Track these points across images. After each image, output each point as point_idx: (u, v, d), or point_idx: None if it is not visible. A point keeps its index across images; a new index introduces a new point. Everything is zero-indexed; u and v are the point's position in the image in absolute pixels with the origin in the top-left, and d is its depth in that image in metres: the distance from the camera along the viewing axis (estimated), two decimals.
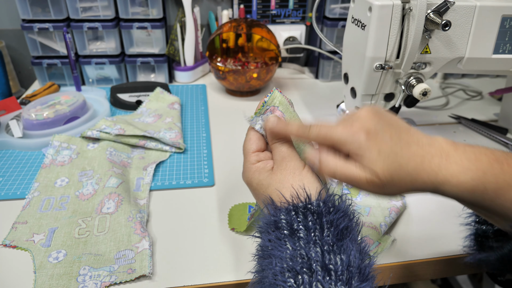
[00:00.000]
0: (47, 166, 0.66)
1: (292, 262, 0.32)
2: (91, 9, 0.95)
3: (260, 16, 1.09)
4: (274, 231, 0.35)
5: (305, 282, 0.31)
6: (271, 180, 0.39)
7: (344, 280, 0.31)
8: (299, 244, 0.33)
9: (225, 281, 0.48)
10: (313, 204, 0.35)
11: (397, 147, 0.36)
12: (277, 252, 0.34)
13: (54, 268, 0.48)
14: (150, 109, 0.86)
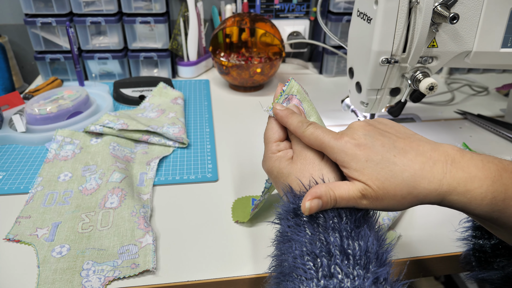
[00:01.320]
0: (51, 161, 0.66)
1: (311, 246, 0.33)
2: (94, 4, 0.94)
3: (263, 10, 1.08)
4: (294, 218, 0.36)
5: (324, 265, 0.31)
6: (291, 169, 0.40)
7: (362, 265, 0.31)
8: (318, 229, 0.34)
9: (229, 277, 0.48)
10: None
11: (390, 154, 0.35)
12: (296, 237, 0.35)
13: (57, 263, 0.48)
14: (153, 104, 0.85)
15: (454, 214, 0.57)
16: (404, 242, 0.53)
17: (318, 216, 0.35)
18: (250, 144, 0.75)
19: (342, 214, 0.35)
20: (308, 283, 0.31)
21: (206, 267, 0.49)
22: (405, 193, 0.34)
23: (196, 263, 0.49)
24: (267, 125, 0.45)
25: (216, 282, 0.47)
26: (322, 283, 0.31)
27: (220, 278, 0.48)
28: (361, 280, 0.30)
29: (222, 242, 0.53)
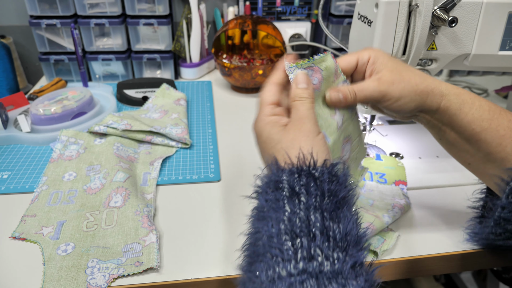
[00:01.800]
0: (55, 161, 0.67)
1: (290, 224, 0.31)
2: (98, 6, 0.95)
3: (265, 13, 1.09)
4: (274, 191, 0.34)
5: (304, 245, 0.30)
6: (282, 136, 0.38)
7: (341, 247, 0.31)
8: (298, 207, 0.32)
9: (230, 275, 0.48)
10: (318, 170, 0.35)
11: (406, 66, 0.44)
12: (274, 214, 0.33)
13: (63, 260, 0.49)
14: (157, 105, 0.86)
15: (453, 214, 0.58)
16: (403, 242, 0.54)
17: (300, 192, 0.33)
18: (251, 145, 0.76)
19: (325, 192, 0.34)
20: (285, 265, 0.30)
21: (209, 265, 0.50)
22: (418, 81, 0.42)
23: (199, 261, 0.50)
24: (265, 87, 0.42)
25: (218, 280, 0.48)
26: (301, 265, 0.29)
27: (222, 276, 0.48)
28: (340, 263, 0.30)
29: (224, 240, 0.53)
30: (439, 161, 0.71)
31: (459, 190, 0.63)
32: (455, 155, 0.48)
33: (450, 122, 0.44)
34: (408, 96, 0.42)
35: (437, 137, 0.48)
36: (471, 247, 0.53)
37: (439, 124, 0.45)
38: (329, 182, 0.34)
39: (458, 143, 0.45)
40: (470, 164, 0.47)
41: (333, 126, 0.42)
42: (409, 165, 0.69)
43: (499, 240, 0.46)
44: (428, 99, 0.43)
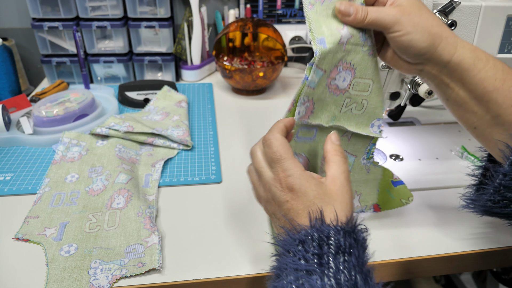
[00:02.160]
0: (58, 162, 0.68)
1: (336, 282, 0.32)
2: (100, 8, 0.96)
3: (266, 15, 1.10)
4: (320, 246, 0.34)
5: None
6: (332, 197, 0.38)
7: None
8: (343, 266, 0.33)
9: (232, 275, 0.49)
10: (357, 233, 0.36)
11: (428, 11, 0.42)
12: (319, 268, 0.33)
13: (66, 261, 0.49)
14: (158, 107, 0.87)
15: (452, 216, 0.58)
16: (401, 243, 0.54)
17: (345, 252, 0.34)
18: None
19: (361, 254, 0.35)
20: None
21: (211, 266, 0.50)
22: (434, 23, 0.41)
23: (201, 262, 0.51)
24: (274, 141, 0.40)
25: (220, 280, 0.49)
26: None
27: (224, 276, 0.49)
28: None
29: (226, 241, 0.54)
30: (438, 163, 0.71)
31: (459, 191, 0.64)
32: (461, 117, 0.46)
33: (461, 78, 0.42)
34: (420, 32, 0.40)
35: (443, 97, 0.46)
36: (471, 248, 0.53)
37: (447, 80, 0.43)
38: (362, 246, 0.36)
39: (466, 104, 0.44)
40: (476, 128, 0.45)
41: (336, 37, 0.42)
42: (409, 167, 0.69)
43: (496, 208, 0.45)
44: (440, 45, 0.41)
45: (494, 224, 0.57)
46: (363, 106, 0.47)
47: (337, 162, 0.40)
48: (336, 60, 0.43)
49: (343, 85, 0.45)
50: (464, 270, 0.56)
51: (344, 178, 0.39)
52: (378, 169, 0.54)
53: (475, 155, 0.71)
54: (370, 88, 0.46)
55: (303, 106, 0.44)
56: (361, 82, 0.45)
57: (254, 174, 0.44)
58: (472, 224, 0.57)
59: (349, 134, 0.49)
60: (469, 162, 0.71)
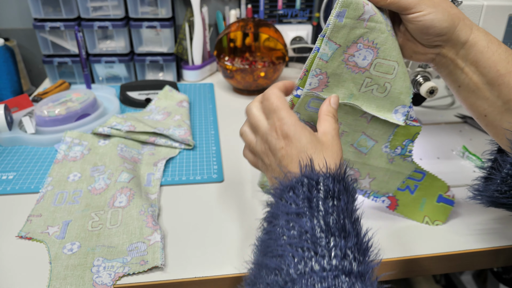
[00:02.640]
0: (60, 162, 0.68)
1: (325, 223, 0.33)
2: (101, 9, 0.96)
3: (267, 16, 1.10)
4: (310, 190, 0.36)
5: (338, 245, 0.32)
6: (323, 146, 0.40)
7: (363, 252, 0.33)
8: (332, 209, 0.35)
9: (234, 274, 0.49)
10: (347, 181, 0.37)
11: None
12: (308, 211, 0.34)
13: (68, 259, 0.50)
14: (159, 107, 0.87)
15: (453, 214, 0.59)
16: (402, 242, 0.54)
17: (334, 196, 0.35)
18: None
19: (350, 200, 0.36)
20: (319, 260, 0.31)
21: (213, 264, 0.50)
22: (452, 6, 0.42)
23: (202, 260, 0.51)
24: (272, 95, 0.43)
25: (222, 278, 0.49)
26: (334, 262, 0.31)
27: (226, 274, 0.49)
28: (364, 266, 0.32)
29: (227, 239, 0.54)
30: (439, 162, 0.71)
31: (460, 190, 0.64)
32: (472, 105, 0.46)
33: (475, 60, 0.43)
34: (441, 12, 0.41)
35: (455, 84, 0.46)
36: (471, 246, 0.53)
37: (462, 64, 0.44)
38: (351, 194, 0.37)
39: (479, 90, 0.44)
40: (487, 115, 0.45)
41: (358, 12, 0.42)
42: None
43: (503, 198, 0.46)
44: (459, 25, 0.42)
45: (499, 220, 0.57)
46: (386, 89, 0.46)
47: (329, 121, 0.42)
48: (354, 36, 0.43)
49: (363, 64, 0.44)
50: (465, 269, 0.56)
51: (335, 134, 0.42)
52: (409, 165, 0.53)
53: (476, 154, 0.72)
54: (395, 71, 0.45)
55: (315, 78, 0.44)
56: (385, 63, 0.44)
57: (249, 132, 0.47)
58: (473, 222, 0.57)
59: (368, 116, 0.48)
60: (470, 161, 0.71)
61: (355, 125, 0.49)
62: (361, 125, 0.49)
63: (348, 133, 0.50)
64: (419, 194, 0.56)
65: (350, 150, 0.51)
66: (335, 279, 0.30)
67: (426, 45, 0.44)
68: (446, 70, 0.46)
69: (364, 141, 0.51)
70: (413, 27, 0.43)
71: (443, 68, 0.46)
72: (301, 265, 0.31)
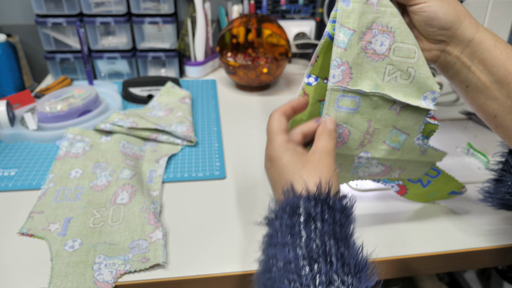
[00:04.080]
0: (62, 158, 0.68)
1: (308, 250, 0.32)
2: (103, 4, 0.96)
3: (270, 11, 1.09)
4: (290, 217, 0.35)
5: (322, 271, 0.31)
6: (304, 165, 0.39)
7: (354, 273, 0.32)
8: (314, 233, 0.34)
9: (236, 271, 0.49)
10: (331, 200, 0.36)
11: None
12: (290, 239, 0.34)
13: (70, 256, 0.49)
14: (162, 103, 0.87)
15: (456, 212, 0.58)
16: (404, 240, 0.54)
17: (316, 218, 0.35)
18: (256, 143, 0.76)
19: (337, 221, 0.35)
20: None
21: (215, 261, 0.50)
22: (458, 3, 0.42)
23: (205, 258, 0.50)
24: (271, 119, 0.43)
25: (224, 276, 0.49)
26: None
27: (228, 272, 0.49)
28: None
29: (230, 237, 0.54)
30: (444, 159, 0.70)
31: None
32: (481, 105, 0.45)
33: (483, 59, 0.42)
34: (446, 5, 0.41)
35: (462, 84, 0.45)
36: (474, 245, 0.53)
37: (469, 62, 0.43)
38: (339, 212, 0.36)
39: (487, 89, 0.43)
40: (496, 116, 0.44)
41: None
42: None
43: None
44: (465, 22, 0.42)
45: (506, 221, 0.57)
46: (410, 74, 0.44)
47: (322, 140, 0.42)
48: (367, 21, 0.42)
49: (381, 50, 0.43)
50: (469, 268, 0.56)
51: (324, 151, 0.40)
52: (441, 153, 0.51)
53: (481, 151, 0.71)
54: (417, 55, 0.43)
55: (337, 69, 0.42)
56: (404, 47, 0.43)
57: None
58: (480, 221, 0.57)
59: (397, 107, 0.46)
60: (475, 158, 0.71)
61: (385, 119, 0.46)
62: (391, 119, 0.47)
63: (379, 129, 0.47)
64: (431, 189, 0.56)
65: (383, 148, 0.49)
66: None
67: (431, 39, 0.43)
68: (452, 70, 0.45)
69: (396, 136, 0.48)
70: (417, 19, 0.42)
71: (449, 67, 0.45)
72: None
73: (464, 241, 0.54)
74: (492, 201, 0.49)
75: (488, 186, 0.50)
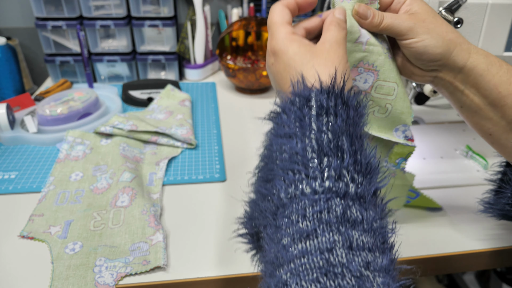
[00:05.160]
0: (62, 161, 0.68)
1: (318, 143, 0.30)
2: (103, 7, 0.96)
3: None
4: (300, 108, 0.32)
5: (332, 165, 0.29)
6: (314, 55, 0.35)
7: (364, 173, 0.31)
8: (326, 127, 0.31)
9: (236, 274, 0.49)
10: (346, 94, 0.33)
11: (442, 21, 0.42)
12: (300, 131, 0.31)
13: (71, 259, 0.49)
14: (161, 106, 0.87)
15: (457, 215, 0.58)
16: (405, 242, 0.54)
17: (329, 112, 0.32)
18: (256, 145, 0.76)
19: (351, 118, 0.32)
20: (310, 182, 0.29)
21: (215, 264, 0.50)
22: (448, 30, 0.41)
23: (205, 260, 0.50)
24: (273, 8, 0.39)
25: (224, 278, 0.49)
26: (327, 184, 0.29)
27: (228, 275, 0.49)
28: (364, 188, 0.30)
29: (230, 239, 0.54)
30: (443, 162, 0.71)
31: (464, 190, 0.64)
32: (476, 124, 0.45)
33: (475, 83, 0.42)
34: (435, 38, 0.40)
35: (457, 104, 0.45)
36: (474, 247, 0.53)
37: (462, 86, 0.43)
38: (354, 109, 0.33)
39: (481, 110, 0.43)
40: (491, 134, 0.44)
41: (354, 36, 0.42)
42: (414, 166, 0.69)
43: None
44: (455, 51, 0.41)
45: (504, 225, 0.57)
46: (387, 110, 0.46)
47: (331, 30, 0.38)
48: (355, 59, 0.43)
49: (364, 87, 0.44)
50: (468, 270, 0.56)
51: (334, 42, 0.36)
52: (410, 175, 0.53)
53: (480, 154, 0.71)
54: (395, 92, 0.45)
55: None
56: (385, 85, 0.44)
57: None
58: (477, 223, 0.57)
59: (370, 135, 0.48)
60: (474, 161, 0.71)
61: None
62: None
63: None
64: (409, 205, 0.59)
65: None
66: (328, 202, 0.28)
67: (423, 69, 0.44)
68: (446, 91, 0.45)
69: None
70: (407, 52, 0.43)
71: (443, 89, 0.45)
72: (291, 188, 0.29)
73: (464, 243, 0.54)
74: (492, 212, 0.49)
75: (488, 197, 0.50)
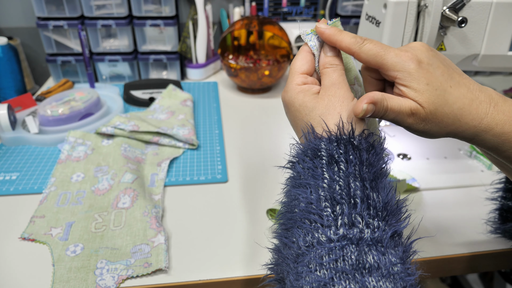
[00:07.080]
0: (63, 162, 0.68)
1: (330, 191, 0.31)
2: (104, 7, 0.96)
3: (271, 13, 1.09)
4: (312, 160, 0.33)
5: (345, 212, 0.30)
6: (317, 104, 0.37)
7: (381, 216, 0.31)
8: (338, 175, 0.32)
9: (239, 276, 0.48)
10: (356, 138, 0.34)
11: (447, 84, 0.35)
12: (313, 181, 0.32)
13: (72, 261, 0.49)
14: (163, 106, 0.87)
15: (461, 216, 0.58)
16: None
17: (340, 160, 0.32)
18: (259, 146, 0.76)
19: (364, 161, 0.33)
20: (325, 231, 0.30)
21: (217, 266, 0.50)
22: (450, 122, 0.35)
23: (207, 262, 0.50)
24: (297, 55, 0.40)
25: (226, 281, 0.48)
26: (341, 231, 0.29)
27: (230, 277, 0.48)
28: (380, 232, 0.30)
29: (232, 241, 0.53)
30: (447, 162, 0.70)
31: (467, 191, 0.63)
32: (506, 172, 0.43)
33: (493, 146, 0.37)
34: (435, 133, 0.37)
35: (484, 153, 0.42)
36: (479, 249, 0.52)
37: (479, 147, 0.39)
38: (367, 151, 0.33)
39: (506, 165, 0.40)
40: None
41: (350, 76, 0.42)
42: (417, 166, 0.69)
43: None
44: (457, 136, 0.37)
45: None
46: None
47: (326, 73, 0.38)
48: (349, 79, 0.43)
49: None
50: (473, 271, 0.56)
51: (332, 85, 0.37)
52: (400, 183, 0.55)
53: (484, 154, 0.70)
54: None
55: None
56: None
57: None
58: (481, 224, 0.56)
59: None
60: (478, 161, 0.70)
61: None
62: None
63: None
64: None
65: None
66: (343, 249, 0.29)
67: None
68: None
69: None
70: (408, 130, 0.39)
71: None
72: (309, 237, 0.30)
73: (468, 245, 0.53)
74: (502, 233, 0.50)
75: (493, 218, 0.50)
